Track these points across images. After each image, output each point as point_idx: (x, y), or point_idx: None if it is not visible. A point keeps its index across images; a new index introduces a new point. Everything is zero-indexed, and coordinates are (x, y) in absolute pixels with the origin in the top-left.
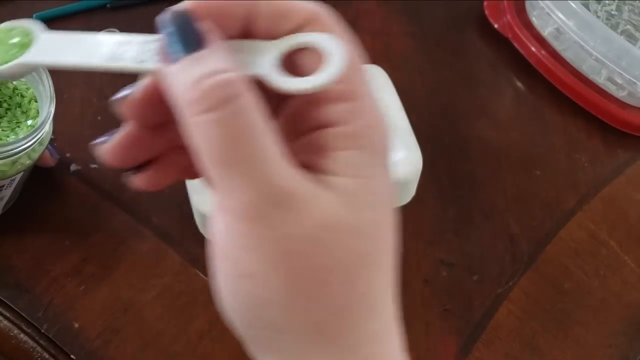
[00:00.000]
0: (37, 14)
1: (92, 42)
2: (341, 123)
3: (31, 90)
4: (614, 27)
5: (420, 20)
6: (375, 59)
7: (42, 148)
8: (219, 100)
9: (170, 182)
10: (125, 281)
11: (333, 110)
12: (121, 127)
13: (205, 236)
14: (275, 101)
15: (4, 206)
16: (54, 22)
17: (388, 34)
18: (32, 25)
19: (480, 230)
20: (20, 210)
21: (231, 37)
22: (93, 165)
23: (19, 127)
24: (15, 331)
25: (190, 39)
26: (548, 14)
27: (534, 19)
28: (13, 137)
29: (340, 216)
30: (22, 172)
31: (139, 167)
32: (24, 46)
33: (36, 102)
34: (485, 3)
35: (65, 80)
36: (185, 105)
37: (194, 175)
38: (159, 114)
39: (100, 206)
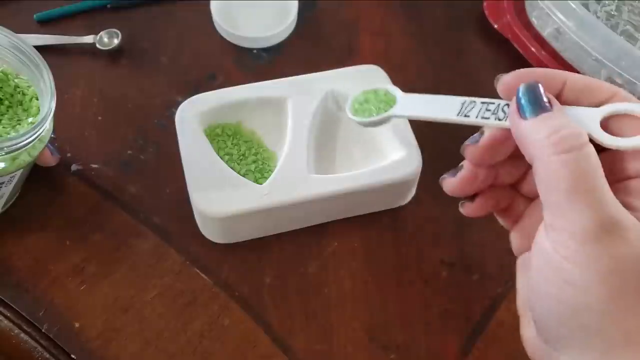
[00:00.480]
0: (38, 14)
1: (442, 101)
2: None
3: (32, 88)
4: (614, 28)
5: (420, 20)
6: (375, 59)
7: (42, 145)
8: (572, 146)
9: (493, 209)
10: (125, 281)
11: None
12: (461, 166)
13: (205, 236)
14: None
15: (4, 204)
16: (54, 22)
17: (388, 34)
18: (392, 88)
19: (480, 230)
20: (20, 210)
21: None
22: (94, 165)
23: (19, 124)
24: (16, 331)
25: (540, 103)
26: (548, 14)
27: (533, 19)
28: (14, 134)
29: None
30: (22, 170)
31: (471, 198)
32: (389, 102)
33: (37, 100)
34: (485, 3)
35: (66, 80)
36: (543, 148)
37: (499, 209)
38: (494, 158)
39: (101, 206)
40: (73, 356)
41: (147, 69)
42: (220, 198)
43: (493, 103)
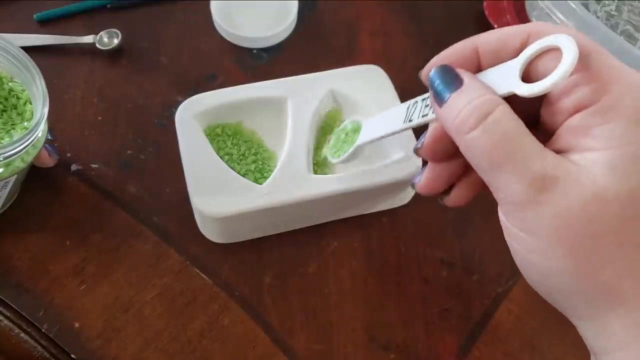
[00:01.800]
0: (38, 14)
1: (391, 114)
2: (589, 104)
3: (26, 92)
4: (614, 28)
5: (420, 20)
6: (375, 59)
7: (36, 151)
8: (478, 118)
9: (473, 195)
10: (125, 281)
11: (577, 97)
12: (425, 167)
13: (205, 236)
14: (533, 112)
15: (1, 207)
16: (54, 22)
17: (388, 34)
18: (357, 118)
19: (480, 230)
20: (20, 210)
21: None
22: (94, 165)
23: (14, 129)
24: (16, 331)
25: (450, 82)
26: (548, 14)
27: (533, 19)
28: (8, 139)
29: (603, 187)
30: (16, 175)
31: (447, 191)
32: (356, 131)
33: (31, 104)
34: (485, 3)
35: (66, 80)
36: (456, 132)
37: (478, 192)
38: (447, 149)
39: (101, 206)
40: (73, 356)
41: (147, 69)
42: (220, 198)
43: (428, 97)
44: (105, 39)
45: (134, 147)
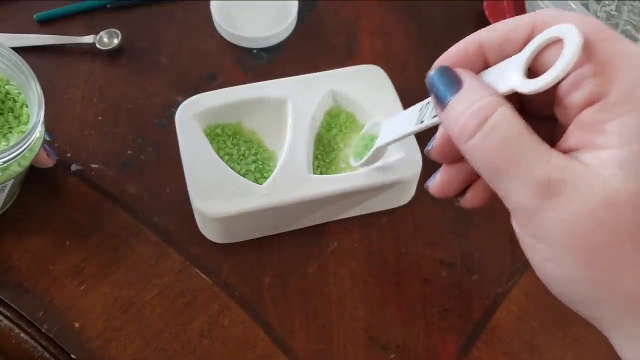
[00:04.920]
0: (38, 14)
1: (406, 115)
2: (599, 98)
3: (22, 95)
4: (614, 28)
5: (420, 20)
6: (375, 59)
7: (33, 154)
8: (477, 124)
9: (490, 196)
10: (125, 281)
11: (587, 90)
12: (439, 169)
13: (205, 236)
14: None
15: (1, 208)
16: (54, 22)
17: (388, 34)
18: (378, 120)
19: (480, 230)
20: (20, 210)
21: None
22: (94, 165)
23: (10, 132)
24: (16, 331)
25: (450, 84)
26: None
27: None
28: (4, 143)
29: (614, 190)
30: (13, 179)
31: (462, 193)
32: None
33: (27, 107)
34: (485, 3)
35: (66, 80)
36: (457, 140)
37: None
38: (457, 151)
39: (101, 206)
40: (73, 356)
41: (147, 69)
42: (220, 198)
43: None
44: (105, 39)
45: (134, 147)
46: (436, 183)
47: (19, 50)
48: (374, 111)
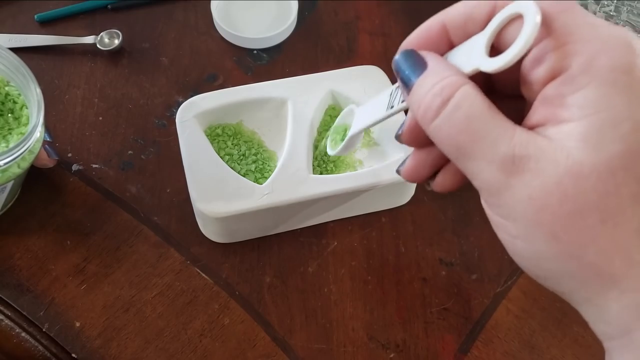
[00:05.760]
0: (38, 14)
1: (376, 102)
2: (561, 71)
3: (22, 97)
4: None
5: (420, 20)
6: (374, 59)
7: (33, 156)
8: (439, 105)
9: (461, 181)
10: (126, 280)
11: (549, 64)
12: (410, 154)
13: (205, 235)
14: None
15: (1, 209)
16: (54, 23)
17: (388, 34)
18: (350, 109)
19: (479, 230)
20: (21, 209)
21: (443, 54)
22: (94, 165)
23: (10, 134)
24: (17, 330)
25: (415, 66)
26: None
27: None
28: (4, 144)
29: (577, 162)
30: (13, 181)
31: (432, 177)
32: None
33: (27, 109)
34: None
35: (67, 80)
36: (421, 120)
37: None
38: (426, 135)
39: (102, 206)
40: (74, 355)
41: (148, 69)
42: (220, 198)
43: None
44: (106, 40)
45: (135, 147)
46: (406, 167)
47: (19, 50)
48: None
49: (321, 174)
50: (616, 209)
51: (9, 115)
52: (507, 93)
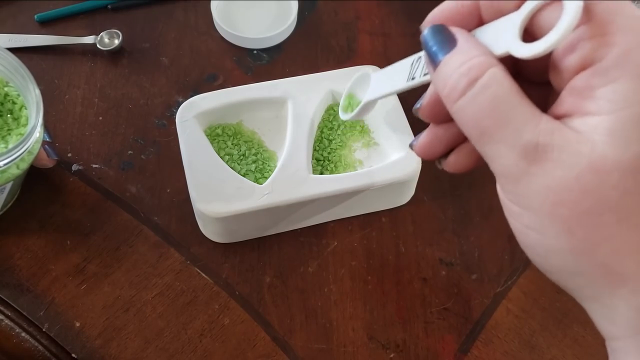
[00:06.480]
0: (38, 14)
1: (396, 70)
2: (594, 61)
3: (21, 97)
4: None
5: (420, 20)
6: (374, 59)
7: (32, 156)
8: (467, 84)
9: (474, 163)
10: (126, 280)
11: (582, 53)
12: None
13: (205, 235)
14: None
15: (1, 209)
16: (54, 23)
17: (388, 34)
18: (369, 70)
19: (479, 230)
20: (21, 209)
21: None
22: (94, 165)
23: (9, 134)
24: (17, 330)
25: (444, 42)
26: None
27: None
28: (3, 145)
29: (601, 156)
30: (12, 181)
31: (445, 156)
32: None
33: (26, 109)
34: None
35: (67, 80)
36: (445, 98)
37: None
38: (447, 111)
39: (102, 206)
40: (74, 355)
41: (148, 69)
42: (220, 198)
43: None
44: (106, 40)
45: (135, 147)
46: (421, 142)
47: (19, 50)
48: (374, 111)
49: (321, 174)
50: (634, 210)
51: (8, 115)
52: (533, 79)
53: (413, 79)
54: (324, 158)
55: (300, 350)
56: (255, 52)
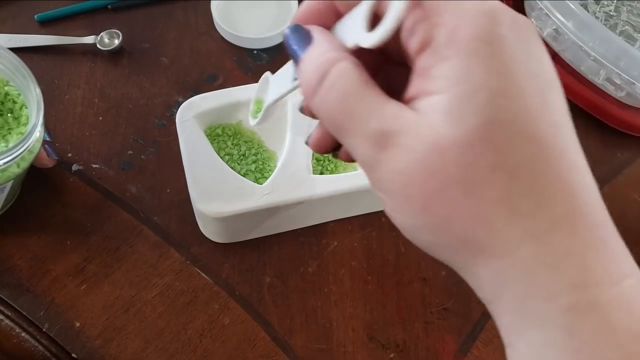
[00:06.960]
0: (38, 14)
1: (283, 72)
2: (428, 43)
3: (22, 96)
4: (613, 28)
5: None
6: None
7: (32, 156)
8: (317, 82)
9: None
10: (126, 280)
11: (419, 36)
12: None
13: (205, 235)
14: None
15: (1, 209)
16: (54, 23)
17: None
18: (268, 73)
19: None
20: (21, 209)
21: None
22: (94, 165)
23: (9, 133)
24: (17, 330)
25: (302, 41)
26: (547, 14)
27: (532, 19)
28: (3, 144)
29: (440, 135)
30: (13, 181)
31: (337, 148)
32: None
33: (27, 108)
34: None
35: (67, 80)
36: (304, 96)
37: None
38: (333, 142)
39: (102, 206)
40: (74, 355)
41: (148, 69)
42: (220, 198)
43: None
44: (106, 40)
45: (135, 148)
46: (312, 139)
47: (19, 50)
48: None
49: (321, 174)
50: (476, 181)
51: (9, 115)
52: (404, 62)
53: (296, 78)
54: (324, 158)
55: (300, 350)
56: (255, 52)
